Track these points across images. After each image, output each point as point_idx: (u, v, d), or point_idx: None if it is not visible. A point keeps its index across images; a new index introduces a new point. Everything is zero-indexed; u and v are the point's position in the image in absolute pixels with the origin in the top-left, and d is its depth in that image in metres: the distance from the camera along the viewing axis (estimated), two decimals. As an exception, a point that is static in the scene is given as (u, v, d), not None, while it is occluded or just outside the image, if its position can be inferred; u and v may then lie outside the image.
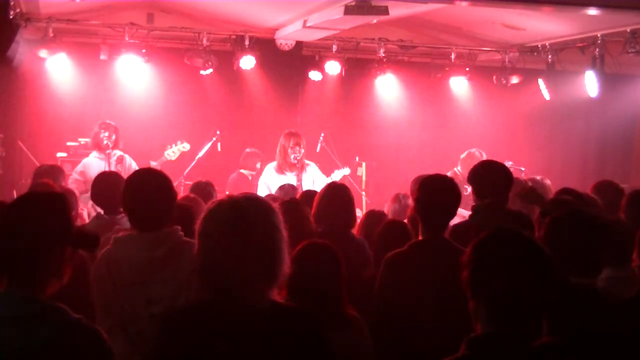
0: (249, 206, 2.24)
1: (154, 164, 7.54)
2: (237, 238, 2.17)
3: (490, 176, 4.36)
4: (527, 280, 2.10)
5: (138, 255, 3.16)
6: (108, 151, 7.57)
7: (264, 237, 2.20)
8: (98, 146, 7.64)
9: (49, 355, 2.13)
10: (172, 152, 7.78)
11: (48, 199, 2.33)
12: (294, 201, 4.68)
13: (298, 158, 7.38)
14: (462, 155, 8.57)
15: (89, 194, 5.41)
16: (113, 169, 7.25)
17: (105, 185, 4.83)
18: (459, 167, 8.52)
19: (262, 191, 7.25)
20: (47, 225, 2.23)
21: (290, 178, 7.33)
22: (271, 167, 7.59)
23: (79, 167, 7.60)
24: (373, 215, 5.13)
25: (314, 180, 7.48)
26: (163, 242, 3.18)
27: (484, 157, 8.00)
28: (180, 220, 3.32)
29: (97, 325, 2.81)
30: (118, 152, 7.65)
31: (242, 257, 2.16)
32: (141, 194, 3.27)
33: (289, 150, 7.43)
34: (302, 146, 7.44)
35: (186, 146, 7.93)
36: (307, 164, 7.58)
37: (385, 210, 5.62)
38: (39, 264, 2.20)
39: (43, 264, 2.21)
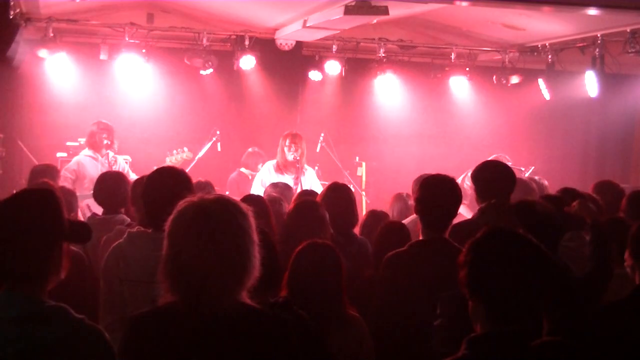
0: (216, 208, 2.20)
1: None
2: (203, 240, 2.14)
3: (493, 176, 4.36)
4: (524, 278, 2.09)
5: (148, 254, 3.11)
6: (106, 152, 7.54)
7: (231, 240, 2.17)
8: (95, 146, 7.52)
9: (51, 356, 2.13)
10: (175, 160, 7.66)
11: (38, 196, 2.32)
12: (310, 202, 4.46)
13: (297, 158, 7.34)
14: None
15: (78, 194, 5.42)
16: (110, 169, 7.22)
17: (109, 185, 4.85)
18: None
19: (257, 188, 7.21)
20: (41, 221, 2.23)
21: (287, 179, 7.30)
22: (270, 164, 7.54)
23: (72, 165, 7.46)
24: (375, 216, 5.13)
25: (311, 186, 7.43)
26: None
27: (510, 164, 7.96)
28: None
29: (99, 319, 2.80)
30: (111, 153, 7.59)
31: (207, 259, 2.13)
32: (161, 192, 3.21)
33: (285, 149, 7.41)
34: (299, 146, 7.38)
35: (189, 154, 7.81)
36: (306, 169, 7.53)
37: (389, 210, 5.61)
38: (37, 261, 2.20)
39: (41, 261, 2.21)
